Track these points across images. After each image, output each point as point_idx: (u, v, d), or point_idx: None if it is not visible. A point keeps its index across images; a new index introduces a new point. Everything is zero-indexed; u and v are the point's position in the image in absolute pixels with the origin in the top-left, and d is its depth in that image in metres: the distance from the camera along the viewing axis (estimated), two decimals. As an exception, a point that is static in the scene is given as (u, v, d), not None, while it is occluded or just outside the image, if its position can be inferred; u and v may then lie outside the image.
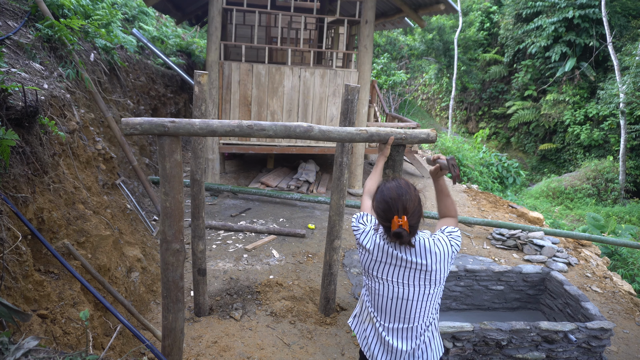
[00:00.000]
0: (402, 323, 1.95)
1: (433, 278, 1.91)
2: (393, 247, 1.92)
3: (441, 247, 1.90)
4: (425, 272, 1.90)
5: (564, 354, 3.67)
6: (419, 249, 1.90)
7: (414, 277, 1.91)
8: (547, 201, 14.39)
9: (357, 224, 2.06)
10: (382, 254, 1.93)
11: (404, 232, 1.80)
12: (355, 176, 8.10)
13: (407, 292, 1.92)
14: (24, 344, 1.59)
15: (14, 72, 3.28)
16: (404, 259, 1.90)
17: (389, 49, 21.27)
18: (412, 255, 1.90)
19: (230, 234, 6.00)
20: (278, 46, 8.12)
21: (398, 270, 1.92)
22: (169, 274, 2.46)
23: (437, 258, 1.89)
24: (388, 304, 1.95)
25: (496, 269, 4.58)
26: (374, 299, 2.00)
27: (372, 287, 1.99)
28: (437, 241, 1.91)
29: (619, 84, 14.28)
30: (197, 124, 2.24)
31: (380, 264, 1.94)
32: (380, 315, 1.99)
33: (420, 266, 1.89)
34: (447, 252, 1.90)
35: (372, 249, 1.95)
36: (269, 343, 3.81)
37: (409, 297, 1.92)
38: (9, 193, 2.56)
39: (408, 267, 1.91)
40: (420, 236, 1.92)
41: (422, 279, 1.91)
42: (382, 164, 2.50)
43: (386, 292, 1.94)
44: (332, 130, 2.43)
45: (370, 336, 2.04)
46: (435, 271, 1.90)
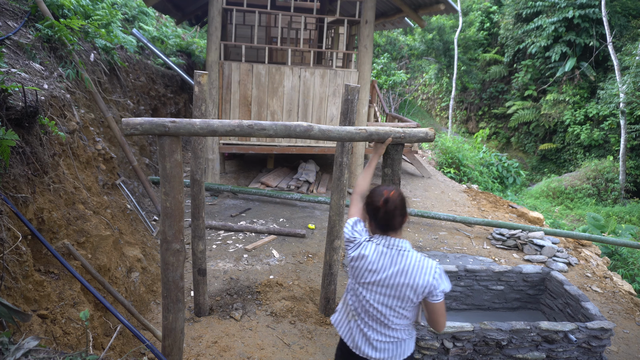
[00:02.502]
0: (383, 325, 2.09)
1: (417, 293, 2.01)
2: (379, 260, 2.05)
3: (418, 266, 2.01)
4: (404, 287, 2.01)
5: (564, 354, 3.67)
6: (405, 263, 2.02)
7: (396, 291, 2.03)
8: (547, 201, 14.39)
9: (352, 232, 2.14)
10: (373, 259, 2.05)
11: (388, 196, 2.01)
12: (355, 176, 8.10)
13: (389, 300, 2.05)
14: (24, 344, 1.59)
15: (14, 72, 3.28)
16: (388, 271, 2.03)
17: (389, 49, 21.27)
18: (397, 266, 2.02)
19: (230, 234, 6.00)
20: (278, 46, 8.12)
21: (383, 283, 2.04)
22: (169, 274, 2.46)
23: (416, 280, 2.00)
24: (372, 308, 2.08)
25: (496, 269, 4.58)
26: (360, 301, 2.12)
27: (359, 293, 2.12)
28: (422, 261, 2.03)
29: (619, 83, 14.28)
30: (198, 124, 2.24)
31: (368, 276, 2.06)
32: (364, 314, 2.12)
33: (401, 282, 2.01)
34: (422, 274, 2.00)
35: (369, 256, 2.06)
36: (269, 343, 3.81)
37: (391, 305, 2.05)
38: (9, 193, 2.56)
39: (391, 281, 2.02)
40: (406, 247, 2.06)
41: (403, 294, 2.02)
42: (375, 163, 2.47)
43: (371, 298, 2.07)
44: (331, 129, 2.43)
45: (354, 331, 2.17)
46: (412, 289, 2.01)
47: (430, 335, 3.44)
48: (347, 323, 2.22)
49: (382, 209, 2.03)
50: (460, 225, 7.14)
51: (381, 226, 2.07)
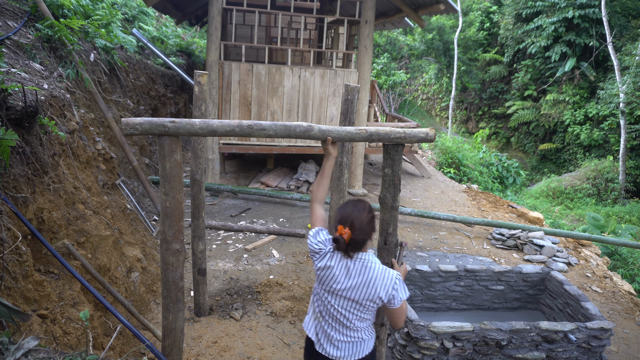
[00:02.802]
0: (345, 327, 2.21)
1: (375, 300, 2.13)
2: (345, 269, 2.14)
3: (380, 278, 2.12)
4: (366, 296, 2.13)
5: (564, 353, 3.67)
6: (368, 275, 2.13)
7: (359, 298, 2.14)
8: (547, 201, 14.38)
9: (317, 243, 2.19)
10: (338, 271, 2.15)
11: (342, 240, 2.04)
12: (355, 176, 8.10)
13: (352, 306, 2.16)
14: (24, 344, 1.59)
15: (14, 72, 3.28)
16: (353, 281, 2.13)
17: (389, 49, 21.26)
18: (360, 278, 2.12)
19: (230, 234, 6.00)
20: (278, 46, 8.12)
21: (347, 291, 2.14)
22: (169, 274, 2.46)
23: (377, 290, 2.11)
24: (336, 311, 2.20)
25: (496, 269, 4.58)
26: (325, 305, 2.23)
27: (324, 297, 2.22)
28: (383, 272, 2.14)
29: (619, 83, 14.27)
30: (198, 124, 2.24)
31: (333, 283, 2.16)
32: (328, 316, 2.24)
33: (363, 291, 2.12)
34: (383, 285, 2.11)
35: (334, 267, 2.15)
36: (269, 343, 3.81)
37: (353, 311, 2.17)
38: (9, 193, 2.56)
39: (355, 289, 2.13)
40: (369, 259, 2.16)
41: (365, 301, 2.14)
42: (328, 167, 2.37)
43: (335, 303, 2.18)
44: (331, 129, 2.43)
45: (319, 331, 2.28)
46: (372, 295, 2.12)
47: (430, 335, 3.44)
48: (313, 324, 2.32)
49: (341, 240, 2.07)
50: (460, 225, 7.14)
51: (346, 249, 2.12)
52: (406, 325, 3.54)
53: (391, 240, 2.73)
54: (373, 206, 6.99)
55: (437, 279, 4.49)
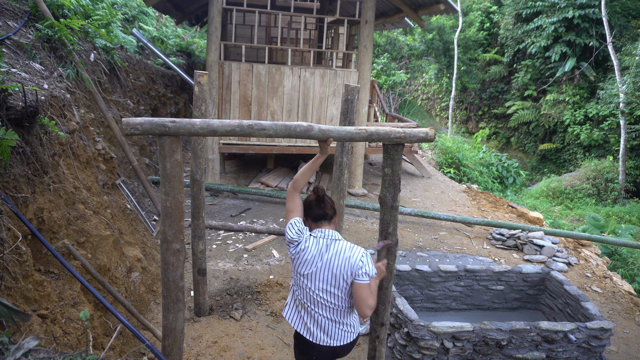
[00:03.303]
0: (328, 309, 2.35)
1: (341, 275, 2.29)
2: (318, 251, 2.32)
3: (348, 251, 2.31)
4: (337, 270, 2.29)
5: (564, 353, 3.67)
6: (337, 248, 2.32)
7: (331, 275, 2.30)
8: (547, 201, 14.38)
9: (296, 232, 2.36)
10: (311, 257, 2.32)
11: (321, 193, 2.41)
12: (355, 176, 8.10)
13: (327, 285, 2.31)
14: (24, 344, 1.59)
15: (14, 72, 3.28)
16: (324, 259, 2.31)
17: (389, 49, 21.26)
18: (330, 252, 2.31)
19: (230, 234, 6.01)
20: (278, 46, 8.13)
21: (321, 270, 2.31)
22: (169, 274, 2.46)
23: (345, 262, 2.29)
24: (315, 294, 2.34)
25: (496, 269, 4.58)
26: (304, 290, 2.36)
27: (304, 284, 2.35)
28: (351, 247, 2.34)
29: (618, 84, 14.27)
30: (198, 124, 2.24)
31: (307, 264, 2.32)
32: (310, 303, 2.36)
33: (334, 265, 2.29)
34: (352, 257, 2.29)
35: (308, 249, 2.33)
36: (269, 343, 3.81)
37: (329, 290, 2.32)
38: (9, 193, 2.56)
39: (326, 267, 2.30)
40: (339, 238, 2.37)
41: (332, 276, 2.30)
42: (318, 164, 2.51)
43: (312, 286, 2.33)
44: (332, 129, 2.43)
45: (307, 320, 2.40)
46: (342, 271, 2.28)
47: (430, 335, 3.44)
48: (298, 315, 2.44)
49: (314, 201, 2.39)
50: (460, 225, 7.14)
51: (315, 217, 2.39)
52: (406, 325, 3.54)
53: (391, 240, 2.73)
54: (373, 206, 7.00)
55: (437, 279, 4.49)
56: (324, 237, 2.35)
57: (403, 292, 4.47)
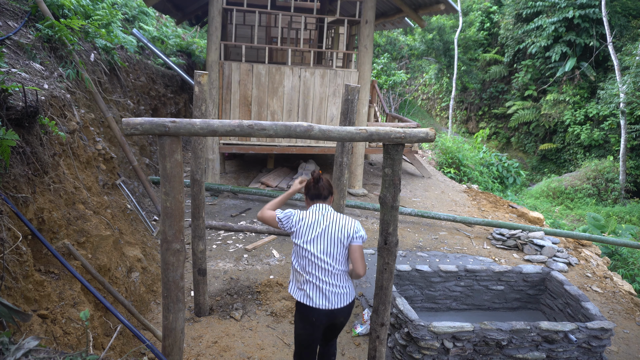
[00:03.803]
0: (329, 273, 2.66)
1: (339, 240, 2.66)
2: (315, 219, 2.70)
3: (344, 219, 2.73)
4: (336, 235, 2.66)
5: (564, 354, 3.67)
6: (333, 218, 2.71)
7: (330, 239, 2.66)
8: (548, 201, 14.38)
9: (283, 214, 2.73)
10: (314, 225, 2.68)
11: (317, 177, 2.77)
12: (355, 176, 8.10)
13: (328, 247, 2.65)
14: (24, 344, 1.59)
15: (14, 72, 3.28)
16: (322, 226, 2.67)
17: (389, 49, 21.26)
18: (328, 221, 2.69)
19: (230, 234, 6.01)
20: (278, 46, 8.13)
21: (319, 235, 2.66)
22: (169, 274, 2.46)
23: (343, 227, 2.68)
24: (317, 259, 2.65)
25: (496, 269, 4.58)
26: (307, 258, 2.67)
27: (306, 252, 2.66)
28: (344, 217, 2.75)
29: (619, 83, 14.27)
30: (198, 124, 2.24)
31: (308, 232, 2.67)
32: (311, 268, 2.67)
33: (333, 231, 2.66)
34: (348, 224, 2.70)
35: (308, 223, 2.69)
36: (269, 343, 3.81)
37: (330, 252, 2.65)
38: (9, 193, 2.56)
39: (326, 232, 2.66)
40: (332, 210, 2.79)
41: (332, 241, 2.65)
42: (289, 195, 2.90)
43: (315, 251, 2.64)
44: (332, 129, 2.43)
45: (308, 289, 2.68)
46: (339, 235, 2.66)
47: (430, 335, 3.44)
48: (299, 287, 2.74)
49: (312, 183, 2.79)
50: (460, 225, 7.14)
51: (312, 195, 2.80)
52: (406, 325, 3.54)
53: (391, 240, 2.74)
54: (373, 206, 7.00)
55: (437, 279, 4.49)
56: (319, 210, 2.75)
57: (403, 292, 4.47)
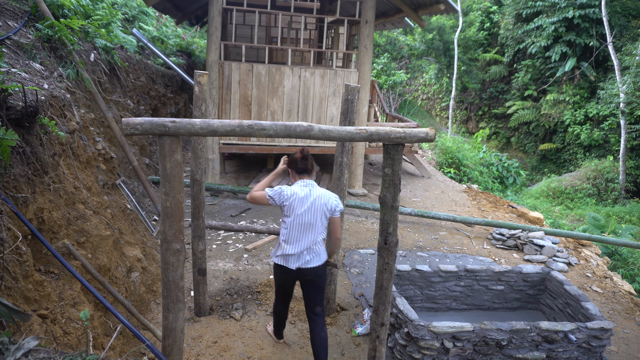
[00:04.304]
0: (310, 239, 3.14)
1: (323, 212, 3.14)
2: (305, 194, 3.11)
3: (326, 193, 3.18)
4: (322, 208, 3.13)
5: (564, 353, 3.67)
6: (318, 192, 3.15)
7: (314, 211, 3.12)
8: (547, 201, 14.38)
9: (271, 190, 3.09)
10: (302, 199, 3.10)
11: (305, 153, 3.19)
12: (356, 176, 8.10)
13: (317, 216, 3.13)
14: (24, 344, 1.59)
15: (14, 72, 3.28)
16: (311, 199, 3.11)
17: (389, 49, 21.26)
18: (314, 195, 3.12)
19: (230, 234, 6.01)
20: (278, 46, 8.12)
21: (308, 208, 3.10)
22: (169, 273, 2.46)
23: (327, 201, 3.15)
24: (310, 225, 3.12)
25: (496, 269, 4.58)
26: (301, 225, 3.11)
27: (300, 219, 3.10)
28: (326, 192, 3.19)
29: (619, 83, 14.27)
30: (198, 124, 2.24)
31: (300, 206, 3.10)
32: (296, 239, 3.13)
33: (319, 204, 3.12)
34: (330, 197, 3.18)
35: (296, 197, 3.09)
36: (269, 343, 3.81)
37: (320, 218, 3.14)
38: (9, 193, 2.56)
39: (313, 205, 3.11)
40: (316, 185, 3.20)
41: (318, 213, 3.13)
42: (276, 174, 3.30)
43: (309, 217, 3.11)
44: (332, 129, 2.43)
45: (289, 252, 3.15)
46: (324, 208, 3.14)
47: (430, 335, 3.44)
48: (281, 254, 3.19)
49: (300, 159, 3.16)
50: (460, 225, 7.14)
51: (300, 170, 3.18)
52: (406, 325, 3.54)
53: (391, 240, 2.74)
54: (373, 206, 7.00)
55: (437, 279, 4.49)
56: (306, 185, 3.17)
57: (403, 292, 4.47)
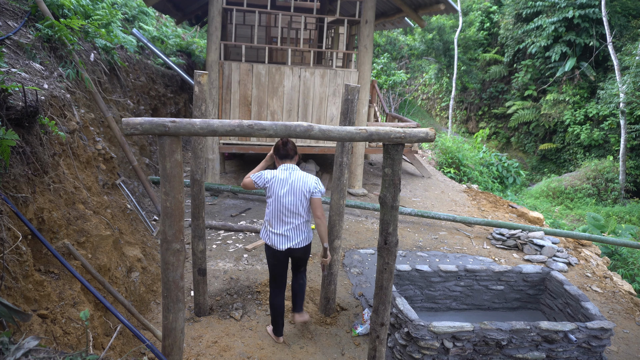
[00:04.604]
0: (298, 216, 3.45)
1: (303, 193, 3.41)
2: (285, 177, 3.42)
3: (306, 176, 3.46)
4: (301, 189, 3.40)
5: (564, 353, 3.67)
6: (298, 175, 3.44)
7: (294, 192, 3.39)
8: (547, 201, 14.38)
9: (257, 175, 3.45)
10: (281, 181, 3.40)
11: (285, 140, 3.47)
12: (355, 176, 8.10)
13: (296, 198, 3.40)
14: (24, 344, 1.59)
15: (14, 72, 3.28)
16: (290, 181, 3.40)
17: (389, 49, 21.26)
18: (294, 177, 3.42)
19: (230, 234, 6.01)
20: (278, 46, 8.12)
21: (289, 190, 3.39)
22: (169, 273, 2.46)
23: (305, 183, 3.42)
24: (291, 205, 3.40)
25: (496, 269, 4.58)
26: (284, 206, 3.40)
27: (280, 201, 3.39)
28: (306, 175, 3.47)
29: (619, 83, 14.27)
30: (198, 124, 2.24)
31: (280, 187, 3.39)
32: (285, 213, 3.43)
33: (299, 186, 3.40)
34: (310, 180, 3.44)
35: (276, 178, 3.40)
36: (269, 343, 3.81)
37: (300, 200, 3.41)
38: (9, 193, 2.56)
39: (293, 187, 3.39)
40: (297, 168, 3.49)
41: (298, 193, 3.40)
42: (265, 162, 3.65)
43: (285, 203, 3.39)
44: (332, 129, 2.43)
45: (276, 234, 3.48)
46: (303, 189, 3.41)
47: (430, 335, 3.44)
48: (268, 233, 3.51)
49: (281, 145, 3.45)
50: (460, 225, 7.14)
51: (282, 155, 3.48)
52: (406, 325, 3.54)
53: (391, 240, 2.74)
54: (373, 206, 7.00)
55: (437, 279, 4.49)
56: (287, 169, 3.46)
57: (403, 292, 4.47)
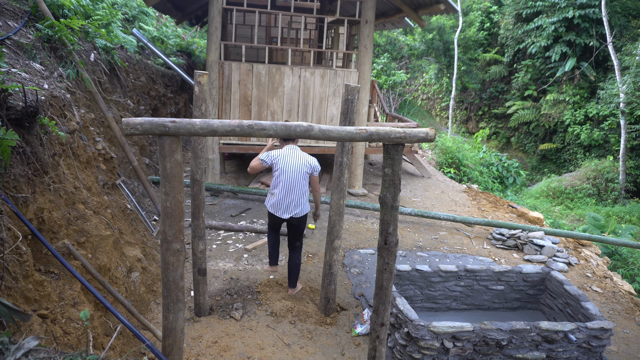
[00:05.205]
0: (300, 189, 4.18)
1: (305, 170, 4.18)
2: (290, 155, 4.18)
3: (307, 156, 4.23)
4: (303, 167, 4.17)
5: (564, 353, 3.67)
6: (299, 154, 4.21)
7: (297, 168, 4.15)
8: (547, 201, 14.38)
9: (265, 155, 4.20)
10: (286, 157, 4.17)
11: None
12: (355, 176, 8.10)
13: (299, 174, 4.16)
14: (24, 344, 1.59)
15: (14, 72, 3.28)
16: (294, 160, 4.16)
17: (389, 49, 21.26)
18: (296, 155, 4.19)
19: (230, 234, 6.01)
20: (278, 46, 8.12)
21: (293, 165, 4.15)
22: (169, 273, 2.46)
23: (307, 162, 4.20)
24: (289, 183, 4.13)
25: (496, 269, 4.58)
26: (282, 183, 4.14)
27: (287, 175, 4.14)
28: (306, 155, 4.24)
29: (619, 83, 14.27)
30: (198, 124, 2.24)
31: (285, 164, 4.15)
32: (290, 185, 4.15)
33: (301, 164, 4.16)
34: (310, 159, 4.23)
35: (282, 155, 4.17)
36: (269, 343, 3.81)
37: (302, 175, 4.16)
38: (9, 193, 2.56)
39: (297, 165, 4.15)
40: (298, 149, 4.27)
41: (300, 170, 4.16)
42: (268, 148, 4.33)
43: (289, 176, 4.14)
44: (332, 129, 2.43)
45: (277, 204, 4.23)
46: (305, 166, 4.18)
47: (430, 335, 3.44)
48: (272, 203, 4.25)
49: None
50: (460, 225, 7.14)
51: (284, 138, 3.91)
52: (406, 325, 3.54)
53: (391, 240, 2.74)
54: (373, 206, 7.00)
55: (437, 279, 4.49)
56: (291, 149, 4.21)
57: (403, 292, 4.47)
